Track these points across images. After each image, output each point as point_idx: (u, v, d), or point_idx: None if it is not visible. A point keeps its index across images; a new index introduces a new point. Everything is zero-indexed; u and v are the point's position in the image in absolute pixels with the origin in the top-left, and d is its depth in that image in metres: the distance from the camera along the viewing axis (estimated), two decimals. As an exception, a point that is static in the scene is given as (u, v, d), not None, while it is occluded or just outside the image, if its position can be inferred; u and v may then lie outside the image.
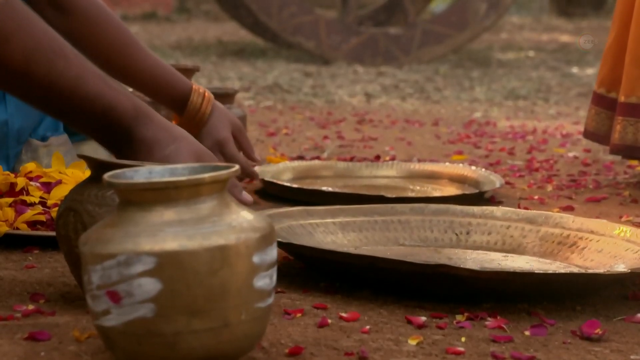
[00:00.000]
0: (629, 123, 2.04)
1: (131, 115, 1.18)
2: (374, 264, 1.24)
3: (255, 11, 5.56)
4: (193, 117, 1.74)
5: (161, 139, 1.19)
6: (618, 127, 2.05)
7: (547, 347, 1.09)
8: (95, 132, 1.19)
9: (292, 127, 3.15)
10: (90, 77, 1.16)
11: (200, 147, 1.21)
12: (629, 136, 2.04)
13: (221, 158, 1.76)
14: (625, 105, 2.05)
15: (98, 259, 0.91)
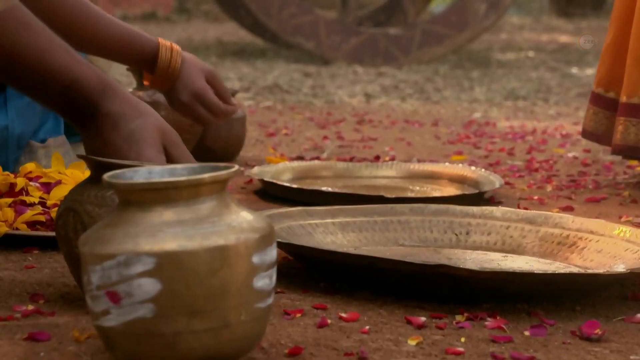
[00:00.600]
0: (632, 124, 2.03)
1: (97, 89, 1.17)
2: (373, 264, 1.24)
3: (255, 11, 5.56)
4: (165, 72, 1.73)
5: (127, 113, 1.17)
6: (620, 127, 2.05)
7: (546, 347, 1.09)
8: (60, 105, 1.17)
9: (291, 128, 3.15)
10: (56, 49, 1.15)
11: (165, 124, 1.19)
12: (631, 137, 2.04)
13: (201, 110, 1.75)
14: (627, 105, 2.05)
15: (98, 259, 0.91)
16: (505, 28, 8.99)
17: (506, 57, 6.41)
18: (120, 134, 1.16)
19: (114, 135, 1.16)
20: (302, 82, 4.64)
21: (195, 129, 2.23)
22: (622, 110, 2.05)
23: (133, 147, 1.15)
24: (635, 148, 2.04)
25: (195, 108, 1.75)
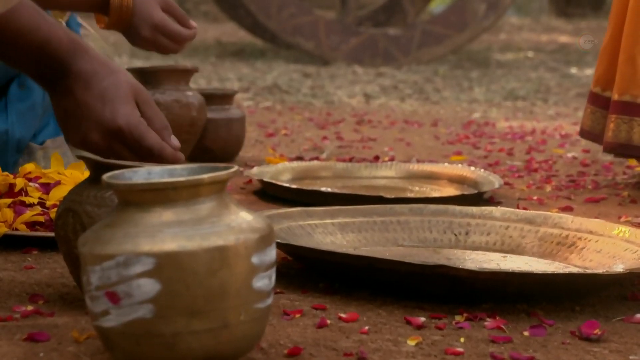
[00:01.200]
0: (623, 121, 2.03)
1: (67, 48, 1.16)
2: (372, 264, 1.24)
3: (255, 12, 5.56)
4: (119, 11, 1.71)
5: (99, 72, 1.16)
6: (611, 125, 2.05)
7: (546, 347, 1.09)
8: (30, 66, 1.16)
9: (291, 128, 3.15)
10: (25, 10, 1.14)
11: (137, 82, 1.19)
12: (622, 134, 2.04)
13: (164, 40, 1.74)
14: (618, 103, 2.05)
15: (97, 259, 0.92)
16: (505, 28, 8.99)
17: (505, 57, 6.42)
18: (93, 92, 1.15)
19: (86, 94, 1.15)
20: (302, 82, 4.64)
21: (194, 129, 2.23)
22: (614, 108, 2.06)
23: (107, 105, 1.15)
24: (626, 146, 2.04)
25: (158, 39, 1.74)
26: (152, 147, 1.16)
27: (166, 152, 1.17)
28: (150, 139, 1.16)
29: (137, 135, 1.15)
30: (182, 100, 2.21)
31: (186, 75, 2.26)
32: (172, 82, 2.22)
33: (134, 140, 1.15)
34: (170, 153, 1.17)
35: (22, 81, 1.80)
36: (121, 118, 1.15)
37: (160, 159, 1.17)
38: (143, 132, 1.15)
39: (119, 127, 1.15)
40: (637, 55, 2.01)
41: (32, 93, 1.80)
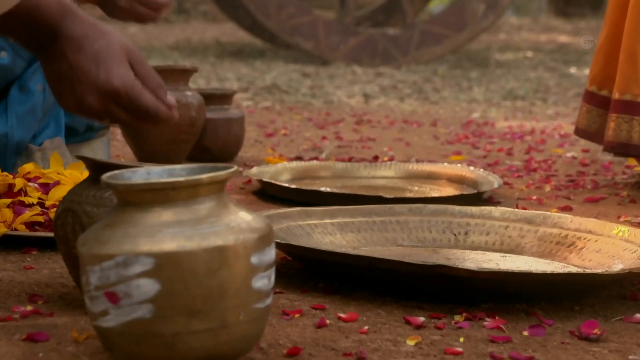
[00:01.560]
0: (624, 120, 2.03)
1: (57, 13, 1.15)
2: (372, 264, 1.24)
3: (254, 12, 5.56)
4: None
5: (89, 34, 1.15)
6: (612, 124, 2.05)
7: (545, 347, 1.10)
8: (20, 33, 1.16)
9: (290, 128, 3.15)
10: None
11: (128, 42, 1.18)
12: (623, 133, 2.04)
13: (141, 8, 1.73)
14: (619, 102, 2.05)
15: (96, 259, 0.91)
16: (504, 28, 8.99)
17: (505, 57, 6.42)
18: (85, 55, 1.15)
19: (79, 57, 1.15)
20: (301, 82, 4.64)
21: (194, 129, 2.23)
22: (615, 107, 2.05)
23: (101, 66, 1.14)
24: (627, 145, 2.04)
25: (135, 8, 1.74)
26: (148, 107, 1.16)
27: (161, 112, 1.17)
28: (146, 99, 1.16)
29: (133, 96, 1.15)
30: (181, 100, 2.21)
31: (185, 75, 2.26)
32: (171, 82, 2.22)
33: (130, 100, 1.15)
34: (165, 113, 1.17)
35: (23, 84, 1.80)
36: (116, 79, 1.14)
37: (155, 118, 1.16)
38: (138, 92, 1.15)
39: (114, 88, 1.15)
40: (638, 53, 2.02)
41: (32, 96, 1.81)
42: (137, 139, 2.23)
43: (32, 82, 1.81)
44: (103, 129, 2.05)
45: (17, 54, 1.79)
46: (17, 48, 1.79)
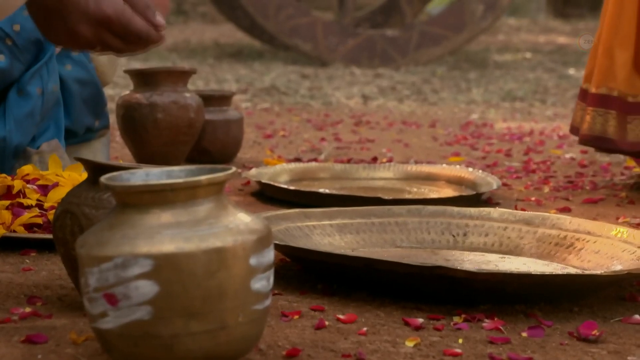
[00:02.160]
0: (598, 114, 2.03)
1: None
2: (371, 265, 1.24)
3: (252, 13, 5.56)
4: None
5: None
6: (587, 117, 2.05)
7: (544, 348, 1.10)
8: None
9: (289, 129, 3.15)
10: None
11: None
12: (597, 127, 2.04)
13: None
14: (595, 95, 2.05)
15: (95, 261, 0.91)
16: (503, 29, 8.99)
17: (503, 58, 6.42)
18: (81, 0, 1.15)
19: (72, 2, 1.15)
20: (300, 83, 4.64)
21: (192, 130, 2.23)
22: (591, 101, 2.05)
23: None
24: (600, 138, 2.04)
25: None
26: (139, 31, 1.16)
27: (152, 35, 1.17)
28: (137, 23, 1.16)
29: (125, 21, 1.15)
30: (180, 102, 2.21)
31: (184, 77, 2.26)
32: (170, 83, 2.22)
33: (122, 26, 1.16)
34: (156, 36, 1.18)
35: (21, 88, 1.80)
36: (107, 6, 1.15)
37: (147, 42, 1.16)
38: (129, 17, 1.16)
39: (106, 15, 1.15)
40: (615, 47, 2.01)
41: (31, 100, 1.81)
42: (136, 140, 2.23)
43: (31, 85, 1.81)
44: (102, 129, 2.05)
45: (15, 57, 1.79)
46: (15, 51, 1.79)
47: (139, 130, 2.21)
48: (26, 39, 1.80)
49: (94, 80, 2.01)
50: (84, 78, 1.99)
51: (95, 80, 2.01)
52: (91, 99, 2.00)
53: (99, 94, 2.02)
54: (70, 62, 1.97)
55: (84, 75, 1.99)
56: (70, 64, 1.97)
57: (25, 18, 1.80)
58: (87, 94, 1.99)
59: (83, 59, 1.99)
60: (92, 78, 2.00)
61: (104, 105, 2.04)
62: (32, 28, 1.80)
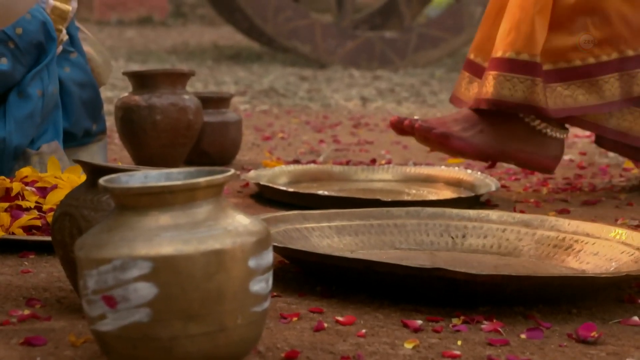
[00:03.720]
0: (519, 80, 1.97)
1: None
2: (369, 267, 1.24)
3: (251, 15, 5.56)
4: None
5: None
6: (493, 81, 1.98)
7: (543, 350, 1.10)
8: None
9: (288, 131, 3.15)
10: None
11: None
12: (518, 94, 1.98)
13: None
14: (513, 61, 1.98)
15: (94, 263, 0.91)
16: (501, 31, 8.99)
17: (502, 60, 6.41)
18: None
19: None
20: (298, 85, 4.64)
21: (191, 132, 2.23)
22: (503, 66, 1.98)
23: None
24: (504, 102, 1.98)
25: None
26: None
27: None
28: None
29: None
30: (178, 104, 2.21)
31: (183, 79, 2.26)
32: (168, 85, 2.22)
33: None
34: None
35: (22, 90, 1.81)
36: None
37: None
38: None
39: None
40: (535, 14, 1.97)
41: (31, 101, 1.81)
42: (135, 142, 2.23)
43: (31, 87, 1.81)
44: (100, 134, 2.05)
45: (17, 60, 1.79)
46: (17, 54, 1.79)
47: (138, 132, 2.21)
48: (28, 42, 1.80)
49: (92, 82, 2.01)
50: (83, 80, 1.99)
51: (93, 83, 2.01)
52: (89, 101, 2.00)
53: (96, 97, 2.02)
54: (69, 65, 1.97)
55: (82, 78, 1.99)
56: (69, 66, 1.97)
57: (28, 21, 1.80)
58: (85, 97, 1.99)
59: (82, 62, 1.99)
60: (90, 80, 2.01)
61: (101, 109, 2.04)
62: (34, 31, 1.81)
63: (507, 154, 1.97)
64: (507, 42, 1.98)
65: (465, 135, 1.94)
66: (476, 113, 1.98)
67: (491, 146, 1.94)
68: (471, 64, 2.13)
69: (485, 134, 1.95)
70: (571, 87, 1.98)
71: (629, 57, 2.02)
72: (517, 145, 1.97)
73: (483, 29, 2.12)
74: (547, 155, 1.97)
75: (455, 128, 1.95)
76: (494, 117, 1.96)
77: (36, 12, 1.81)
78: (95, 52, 2.10)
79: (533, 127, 1.96)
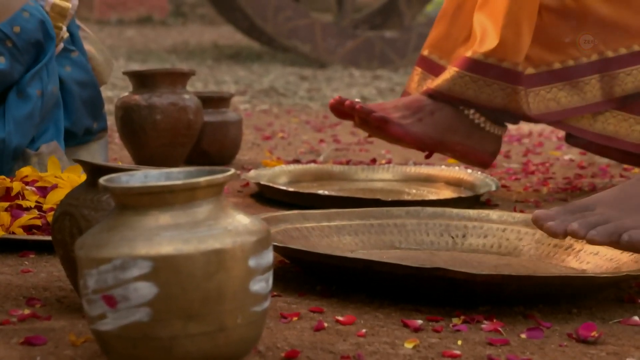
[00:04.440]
0: (500, 87, 1.95)
1: None
2: (369, 267, 1.24)
3: (251, 15, 5.56)
4: None
5: None
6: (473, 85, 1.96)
7: (543, 350, 1.10)
8: None
9: (288, 131, 3.15)
10: None
11: None
12: (497, 100, 1.96)
13: None
14: (498, 68, 1.96)
15: (94, 263, 0.91)
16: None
17: (502, 59, 6.41)
18: None
19: None
20: (298, 85, 4.64)
21: (191, 132, 2.23)
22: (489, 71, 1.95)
23: None
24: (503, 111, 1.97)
25: None
26: None
27: None
28: None
29: None
30: (178, 104, 2.21)
31: (183, 78, 2.26)
32: (168, 85, 2.22)
33: None
34: None
35: (21, 89, 1.81)
36: None
37: None
38: None
39: None
40: (523, 21, 1.95)
41: (30, 101, 1.81)
42: (135, 142, 2.23)
43: (31, 87, 1.81)
44: (101, 131, 2.05)
45: (15, 59, 1.79)
46: (16, 53, 1.79)
47: (138, 132, 2.21)
48: (26, 41, 1.80)
49: (93, 81, 2.01)
50: (84, 79, 1.99)
51: (94, 82, 2.01)
52: (90, 100, 2.00)
53: (97, 96, 2.02)
54: (69, 64, 1.97)
55: (83, 77, 1.99)
56: (69, 65, 1.97)
57: (26, 19, 1.80)
58: (86, 96, 1.99)
59: (83, 60, 1.99)
60: (91, 79, 2.01)
61: (102, 107, 2.04)
62: (32, 29, 1.80)
63: (444, 145, 1.95)
64: (488, 46, 1.95)
65: (404, 123, 1.92)
66: (420, 101, 1.96)
67: (429, 136, 1.93)
68: (425, 60, 2.10)
69: (424, 124, 1.94)
70: (553, 90, 1.98)
71: (608, 58, 2.01)
72: (455, 137, 1.95)
73: (440, 26, 2.08)
74: (484, 150, 1.96)
75: (395, 114, 1.94)
76: (436, 107, 1.94)
77: (34, 10, 1.81)
78: (96, 51, 2.10)
79: (472, 120, 1.95)
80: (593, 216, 1.25)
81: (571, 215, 1.27)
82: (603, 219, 1.24)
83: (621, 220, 1.23)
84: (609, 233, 1.21)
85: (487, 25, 1.97)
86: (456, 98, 1.93)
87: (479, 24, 1.97)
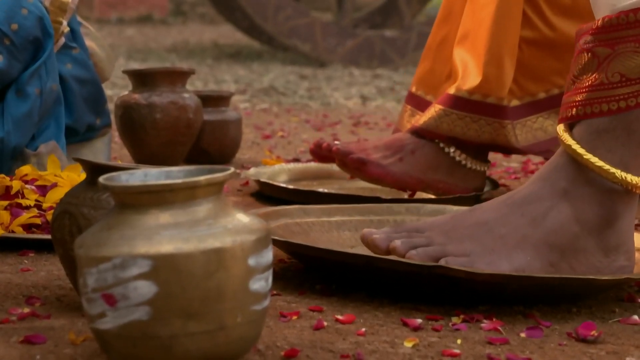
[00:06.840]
0: (486, 122, 1.94)
1: None
2: (370, 263, 1.24)
3: (251, 14, 5.56)
4: None
5: None
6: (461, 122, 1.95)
7: (542, 349, 1.10)
8: None
9: (287, 130, 3.15)
10: None
11: None
12: (485, 135, 1.94)
13: None
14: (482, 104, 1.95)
15: (93, 262, 0.91)
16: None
17: (502, 59, 6.41)
18: None
19: None
20: (298, 84, 4.64)
21: (191, 131, 2.23)
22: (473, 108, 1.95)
23: None
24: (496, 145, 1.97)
25: None
26: None
27: None
28: None
29: None
30: (178, 102, 2.21)
31: (183, 77, 2.26)
32: (168, 84, 2.22)
33: None
34: None
35: (20, 88, 1.80)
36: None
37: None
38: None
39: None
40: (505, 56, 1.94)
41: (29, 100, 1.80)
42: (134, 141, 2.23)
43: (30, 86, 1.81)
44: (104, 127, 2.05)
45: (13, 57, 1.79)
46: (14, 51, 1.79)
47: (138, 131, 2.21)
48: (24, 38, 1.79)
49: (94, 78, 2.01)
50: (85, 77, 1.99)
51: (96, 79, 2.01)
52: (92, 97, 2.00)
53: (99, 93, 2.02)
54: (70, 61, 1.97)
55: (84, 74, 1.99)
56: (70, 62, 1.97)
57: (24, 17, 1.79)
58: (87, 93, 1.99)
59: (84, 57, 1.99)
60: (92, 77, 2.00)
61: (104, 103, 2.04)
62: (30, 27, 1.80)
63: (426, 183, 1.93)
64: (471, 84, 1.92)
65: (383, 163, 1.91)
66: (401, 140, 1.94)
67: (410, 175, 1.91)
68: (413, 97, 2.09)
69: (405, 163, 1.92)
70: (539, 119, 1.97)
71: None
72: (437, 175, 1.93)
73: (425, 62, 2.07)
74: (467, 188, 1.95)
75: (374, 155, 1.92)
76: (417, 145, 1.92)
77: (33, 7, 1.81)
78: (97, 47, 2.10)
79: (453, 158, 1.93)
80: (419, 237, 1.27)
81: (399, 234, 1.29)
82: (427, 242, 1.26)
83: (444, 246, 1.25)
84: (429, 256, 1.23)
85: (468, 60, 1.95)
86: (444, 136, 1.92)
87: (460, 59, 1.96)
